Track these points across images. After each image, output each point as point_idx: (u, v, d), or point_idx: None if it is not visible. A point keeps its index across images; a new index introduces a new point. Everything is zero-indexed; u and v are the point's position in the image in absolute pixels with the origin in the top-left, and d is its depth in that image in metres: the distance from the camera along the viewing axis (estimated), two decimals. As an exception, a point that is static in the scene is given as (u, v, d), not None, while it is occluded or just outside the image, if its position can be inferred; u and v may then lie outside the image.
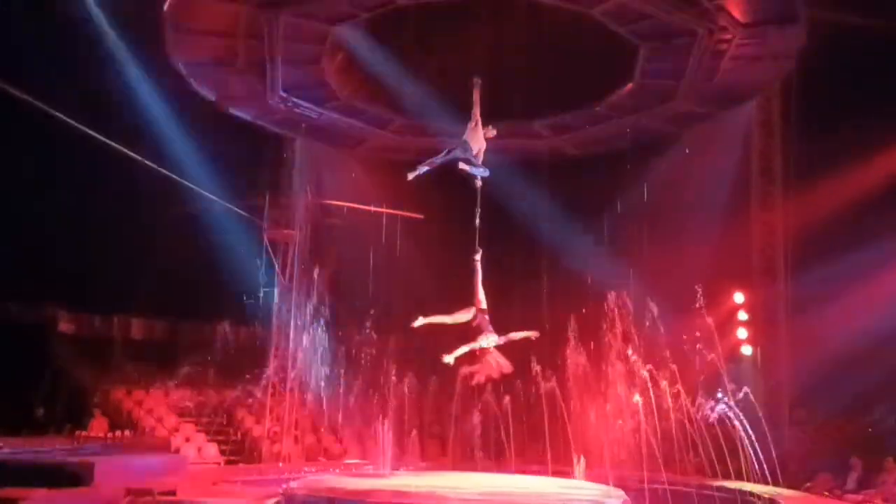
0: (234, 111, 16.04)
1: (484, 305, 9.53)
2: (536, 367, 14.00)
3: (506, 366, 9.44)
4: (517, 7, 12.86)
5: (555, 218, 18.70)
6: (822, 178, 15.68)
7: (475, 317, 9.40)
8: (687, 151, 17.22)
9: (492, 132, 9.89)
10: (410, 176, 9.94)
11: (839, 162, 15.34)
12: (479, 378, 9.64)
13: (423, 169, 9.81)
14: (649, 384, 12.64)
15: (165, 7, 12.32)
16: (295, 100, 15.48)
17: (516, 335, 9.45)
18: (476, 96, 9.88)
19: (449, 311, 9.51)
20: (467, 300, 9.63)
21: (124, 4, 14.03)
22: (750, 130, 17.07)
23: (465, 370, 9.82)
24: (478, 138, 9.77)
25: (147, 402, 18.60)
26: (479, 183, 9.88)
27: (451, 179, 10.32)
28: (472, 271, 9.70)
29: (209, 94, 15.25)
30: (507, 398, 14.42)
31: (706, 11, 12.33)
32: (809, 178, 15.95)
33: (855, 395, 15.91)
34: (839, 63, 14.56)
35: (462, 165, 9.64)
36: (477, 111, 9.84)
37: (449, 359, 9.15)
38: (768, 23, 12.59)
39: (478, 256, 9.77)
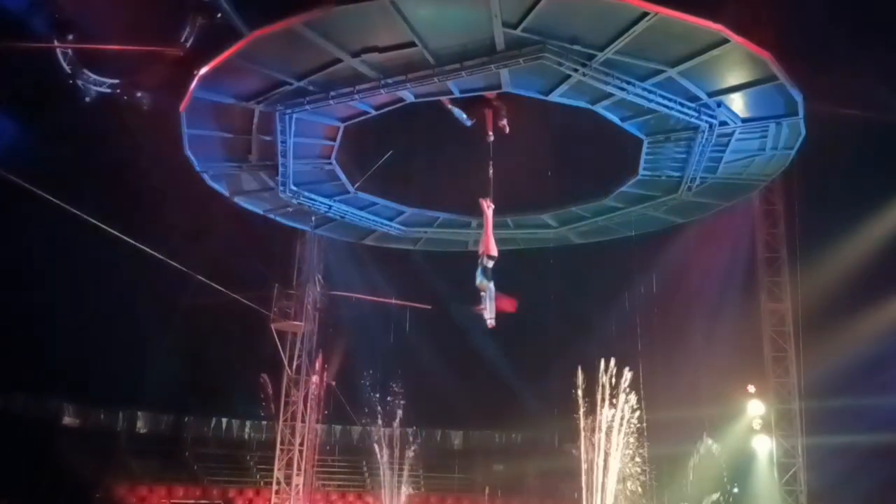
0: (245, 205, 16.25)
1: (496, 253, 10.89)
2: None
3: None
4: (524, 103, 13.18)
5: (562, 308, 18.69)
6: (827, 264, 15.76)
7: (489, 261, 10.80)
8: (692, 241, 17.32)
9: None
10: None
11: (843, 247, 15.47)
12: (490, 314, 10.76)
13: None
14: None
15: (183, 107, 12.67)
16: (306, 193, 15.73)
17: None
18: None
19: None
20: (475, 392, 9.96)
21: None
22: (754, 220, 17.28)
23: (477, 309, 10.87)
24: None
25: (150, 498, 18.20)
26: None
27: (455, 273, 10.61)
28: (486, 218, 11.29)
29: (222, 190, 15.51)
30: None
31: (707, 106, 12.65)
32: (815, 265, 16.03)
33: (876, 487, 15.52)
34: (839, 152, 14.89)
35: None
36: None
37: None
38: (768, 117, 12.88)
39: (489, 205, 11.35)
